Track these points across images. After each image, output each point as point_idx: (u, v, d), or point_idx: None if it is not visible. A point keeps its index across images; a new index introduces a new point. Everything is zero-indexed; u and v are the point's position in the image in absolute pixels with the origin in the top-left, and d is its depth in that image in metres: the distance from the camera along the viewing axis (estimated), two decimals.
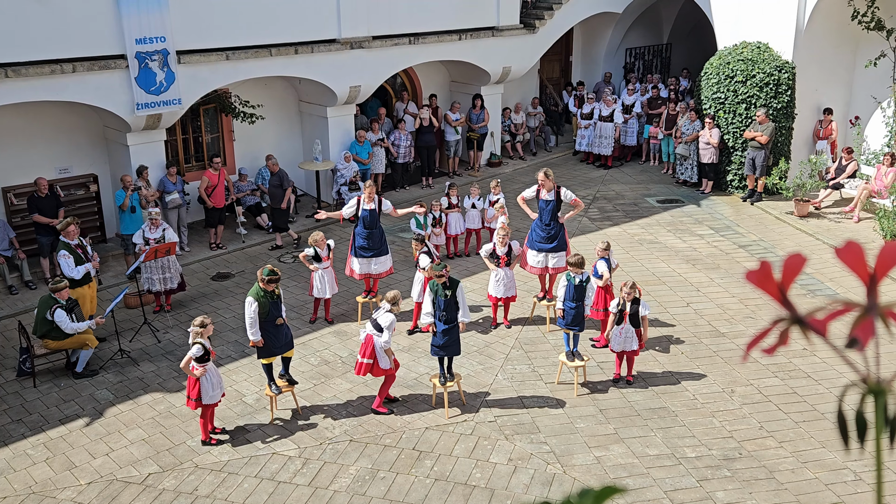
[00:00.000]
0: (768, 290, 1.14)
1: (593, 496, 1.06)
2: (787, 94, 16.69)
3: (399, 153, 17.82)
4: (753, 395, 10.13)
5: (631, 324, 10.11)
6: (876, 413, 1.10)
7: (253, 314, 9.37)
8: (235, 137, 16.66)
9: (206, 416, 9.25)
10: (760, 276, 1.14)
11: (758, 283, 1.14)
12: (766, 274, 1.13)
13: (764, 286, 1.14)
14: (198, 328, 9.03)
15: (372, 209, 11.96)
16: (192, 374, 8.95)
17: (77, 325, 10.42)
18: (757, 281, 1.14)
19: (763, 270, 1.13)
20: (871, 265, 1.13)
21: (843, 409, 1.17)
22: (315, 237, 11.66)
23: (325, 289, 11.79)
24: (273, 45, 14.92)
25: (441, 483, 8.52)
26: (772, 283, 1.14)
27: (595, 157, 19.94)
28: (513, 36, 18.71)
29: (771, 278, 1.14)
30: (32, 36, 12.31)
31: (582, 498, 1.06)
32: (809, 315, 1.12)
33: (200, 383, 9.02)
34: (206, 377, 9.04)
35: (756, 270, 1.14)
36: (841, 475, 8.61)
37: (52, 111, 13.90)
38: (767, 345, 1.13)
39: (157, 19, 13.36)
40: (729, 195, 17.56)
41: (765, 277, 1.13)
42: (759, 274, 1.13)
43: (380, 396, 9.87)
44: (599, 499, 1.06)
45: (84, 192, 14.39)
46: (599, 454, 8.98)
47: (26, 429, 9.62)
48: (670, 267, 14.01)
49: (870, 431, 1.14)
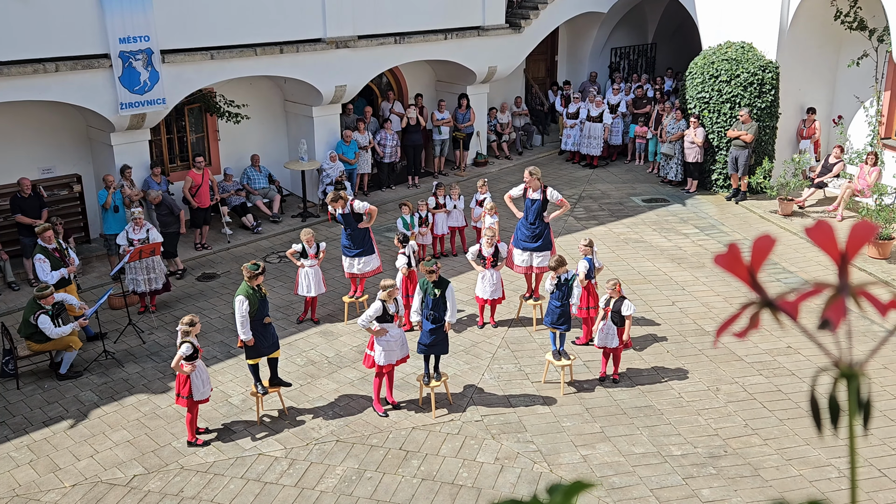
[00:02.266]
0: (738, 273, 1.12)
1: (563, 491, 1.05)
2: (771, 94, 16.79)
3: (385, 153, 17.79)
4: (738, 393, 10.18)
5: (613, 321, 10.16)
6: (849, 397, 1.10)
7: (244, 313, 9.35)
8: (220, 137, 16.59)
9: (194, 414, 9.22)
10: (729, 259, 1.12)
11: (727, 267, 1.12)
12: (734, 257, 1.12)
13: (733, 269, 1.12)
14: (186, 327, 9.01)
15: (346, 213, 11.95)
16: (182, 372, 8.92)
17: (60, 330, 10.33)
18: (726, 264, 1.12)
19: (732, 253, 1.12)
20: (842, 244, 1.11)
21: (815, 394, 1.16)
22: (305, 234, 11.65)
23: (310, 287, 11.76)
24: (258, 45, 14.87)
25: (428, 483, 8.52)
26: (741, 266, 1.12)
27: (581, 157, 19.99)
28: (498, 36, 18.72)
29: (740, 261, 1.12)
30: (15, 35, 12.21)
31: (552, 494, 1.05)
32: (780, 297, 1.10)
33: (191, 380, 9.01)
34: (195, 374, 9.05)
35: (725, 254, 1.12)
36: (825, 472, 8.67)
37: (34, 111, 13.80)
38: (738, 328, 1.11)
39: (140, 18, 13.28)
40: (714, 194, 17.65)
41: (734, 260, 1.12)
42: (727, 257, 1.12)
43: (375, 394, 9.89)
44: (569, 494, 1.05)
45: (67, 193, 14.28)
46: (586, 453, 9.01)
47: (9, 431, 9.54)
48: (656, 266, 14.06)
49: (843, 416, 1.13)
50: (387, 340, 9.49)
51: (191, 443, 9.24)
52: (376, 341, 9.53)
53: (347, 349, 11.34)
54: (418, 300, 9.90)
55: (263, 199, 16.25)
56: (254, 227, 15.62)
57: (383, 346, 9.50)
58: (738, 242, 1.11)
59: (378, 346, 9.51)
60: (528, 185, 11.82)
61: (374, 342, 9.59)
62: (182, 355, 8.91)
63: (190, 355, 8.94)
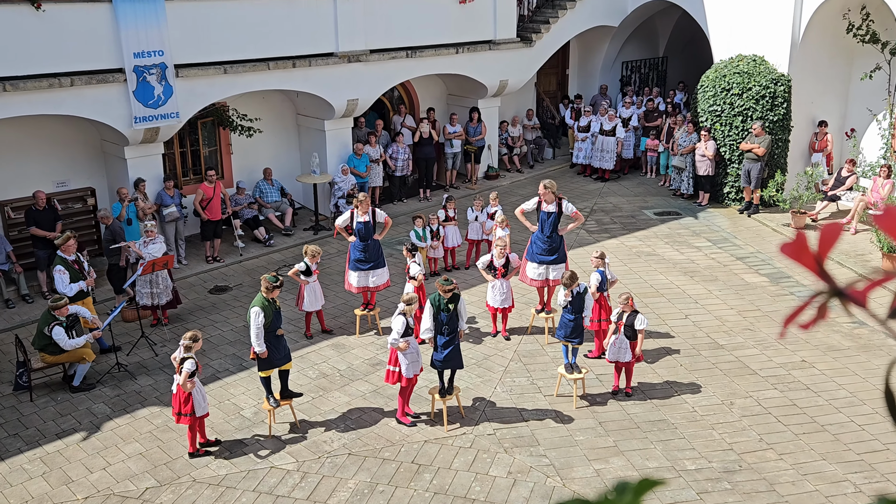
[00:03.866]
0: (804, 261, 1.09)
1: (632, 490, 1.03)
2: (783, 107, 16.75)
3: (397, 166, 17.83)
4: (753, 408, 10.11)
5: (625, 335, 10.11)
6: None
7: (259, 324, 9.37)
8: (233, 151, 16.68)
9: (196, 429, 9.23)
10: (796, 248, 1.09)
11: (793, 255, 1.09)
12: (801, 245, 1.09)
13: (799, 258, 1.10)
14: (189, 342, 9.01)
15: (366, 221, 11.95)
16: (186, 389, 8.92)
17: (74, 342, 10.36)
18: (792, 253, 1.09)
19: (798, 242, 1.09)
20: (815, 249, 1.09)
21: (891, 385, 1.12)
22: (312, 250, 11.65)
23: (315, 301, 11.80)
24: (271, 59, 14.95)
25: (440, 497, 8.48)
26: (808, 255, 1.10)
27: (592, 170, 19.97)
28: (510, 49, 18.78)
29: (807, 249, 1.09)
30: (31, 50, 12.33)
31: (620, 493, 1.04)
32: (849, 286, 1.08)
33: (193, 397, 9.01)
34: (196, 390, 9.07)
35: (791, 242, 1.10)
36: (842, 487, 8.58)
37: (50, 125, 13.90)
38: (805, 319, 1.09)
39: (155, 33, 13.39)
40: (726, 207, 17.59)
41: (800, 249, 1.09)
42: (794, 245, 1.09)
43: (400, 406, 9.89)
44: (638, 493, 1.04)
45: (81, 206, 14.37)
46: (599, 467, 8.95)
47: (23, 443, 9.56)
48: (668, 279, 14.01)
49: None
50: (410, 352, 9.50)
51: (192, 454, 9.24)
52: (401, 356, 9.52)
53: (359, 362, 11.33)
54: (429, 317, 9.81)
55: (276, 212, 16.30)
56: (266, 240, 15.66)
57: (409, 358, 9.52)
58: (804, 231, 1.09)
59: (404, 359, 9.51)
60: (542, 197, 11.79)
61: (397, 357, 9.58)
62: (188, 371, 8.90)
63: (192, 372, 8.95)
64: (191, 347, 9.01)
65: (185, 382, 8.91)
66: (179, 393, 9.02)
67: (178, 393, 9.06)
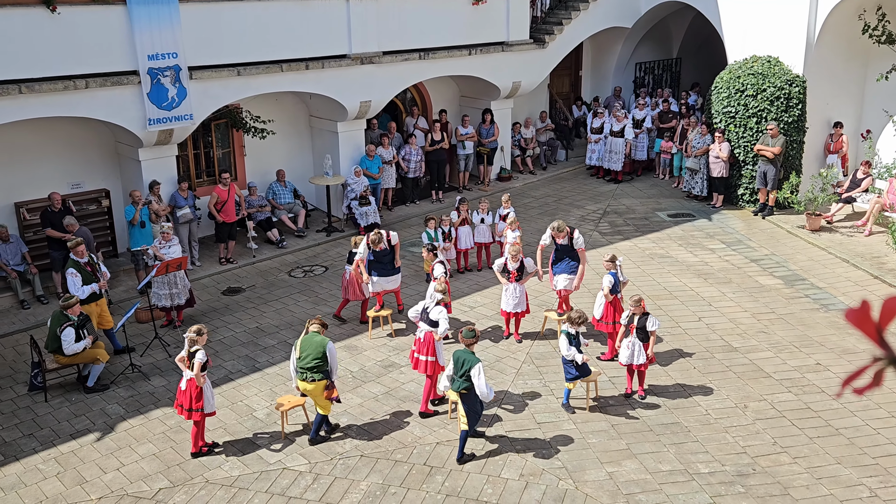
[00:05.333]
0: (866, 329, 1.15)
1: None
2: (798, 108, 16.65)
3: (409, 168, 17.84)
4: (767, 411, 10.04)
5: (638, 338, 10.07)
6: None
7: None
8: (246, 152, 16.73)
9: (201, 427, 9.24)
10: (860, 316, 1.14)
11: (856, 323, 1.15)
12: (865, 314, 1.14)
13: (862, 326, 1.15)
14: (194, 335, 9.01)
15: (385, 250, 12.02)
16: (199, 383, 8.94)
17: (75, 347, 10.38)
18: (856, 320, 1.14)
19: (863, 310, 1.14)
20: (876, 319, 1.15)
21: None
22: (373, 237, 11.81)
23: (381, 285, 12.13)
24: (284, 61, 15.00)
25: (452, 499, 8.47)
26: (870, 323, 1.15)
27: (605, 172, 19.92)
28: (523, 51, 18.76)
29: (869, 318, 1.14)
30: (46, 52, 12.41)
31: None
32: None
33: (204, 393, 9.03)
34: (206, 386, 9.10)
35: (856, 309, 1.15)
36: (857, 491, 8.51)
37: (64, 127, 14.00)
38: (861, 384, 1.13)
39: (169, 35, 13.45)
40: (740, 209, 17.50)
41: (864, 317, 1.14)
42: (858, 313, 1.14)
43: (425, 398, 9.97)
44: None
45: (96, 207, 14.45)
46: (612, 470, 8.91)
47: (37, 443, 9.62)
48: (682, 281, 13.95)
49: None
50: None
51: (195, 454, 9.24)
52: (438, 346, 9.86)
53: (371, 364, 11.33)
54: (451, 368, 9.28)
55: (288, 213, 16.35)
56: (279, 242, 15.70)
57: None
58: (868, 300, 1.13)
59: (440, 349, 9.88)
60: (555, 237, 11.78)
61: (433, 347, 9.80)
62: (200, 362, 8.90)
63: (204, 364, 8.96)
64: (195, 341, 8.99)
65: (198, 375, 8.89)
66: (190, 388, 8.98)
67: (188, 388, 9.00)
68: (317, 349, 9.12)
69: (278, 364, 11.24)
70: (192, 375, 8.94)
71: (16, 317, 12.88)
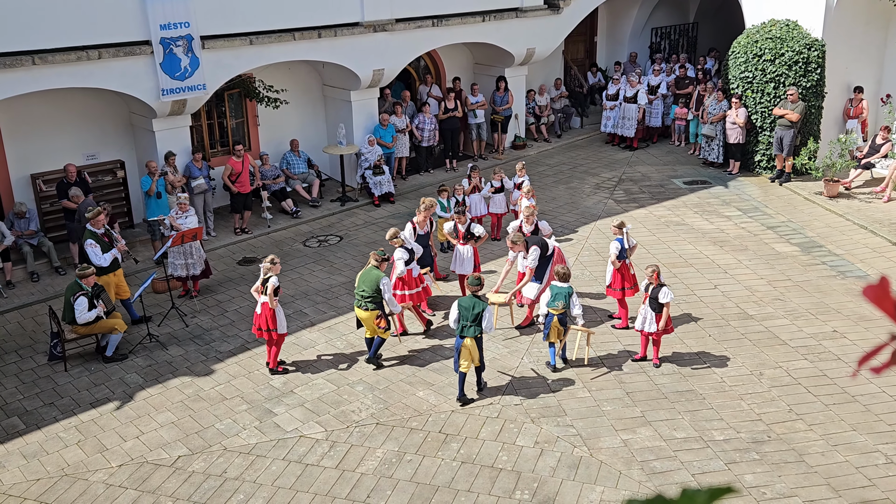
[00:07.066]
0: (884, 307, 1.12)
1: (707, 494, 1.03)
2: (817, 73, 16.41)
3: (423, 136, 17.76)
4: (782, 378, 10.03)
5: (651, 307, 10.06)
6: None
7: (390, 290, 10.35)
8: (260, 122, 16.70)
9: (279, 346, 10.29)
10: (878, 293, 1.11)
11: (874, 299, 1.12)
12: (883, 290, 1.11)
13: (880, 303, 1.12)
14: (269, 264, 9.99)
15: (426, 232, 11.92)
16: (272, 305, 9.91)
17: (87, 315, 10.49)
18: (874, 297, 1.11)
19: (881, 287, 1.11)
20: None
21: None
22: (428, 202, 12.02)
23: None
24: (297, 29, 14.90)
25: (467, 466, 8.54)
26: (889, 301, 1.11)
27: (620, 139, 19.77)
28: (537, 17, 18.55)
29: (889, 295, 1.11)
30: (58, 23, 12.38)
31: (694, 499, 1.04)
32: None
33: (277, 316, 10.05)
34: (278, 309, 10.10)
35: (874, 286, 1.12)
36: (872, 458, 8.51)
37: (78, 98, 14.01)
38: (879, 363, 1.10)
39: (181, 5, 13.38)
40: (757, 176, 17.34)
41: (882, 293, 1.11)
42: (876, 290, 1.11)
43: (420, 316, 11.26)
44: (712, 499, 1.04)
45: (111, 179, 14.51)
46: (626, 437, 8.95)
47: (58, 412, 9.76)
48: (697, 249, 13.88)
49: None
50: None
51: (273, 370, 10.30)
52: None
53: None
54: (455, 312, 9.50)
55: (303, 183, 16.34)
56: (293, 212, 15.72)
57: None
58: (887, 276, 1.10)
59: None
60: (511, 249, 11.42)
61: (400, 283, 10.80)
62: (273, 286, 9.85)
63: (277, 287, 9.91)
64: (269, 269, 9.97)
65: (271, 298, 9.87)
66: (265, 311, 9.99)
67: (262, 312, 10.03)
68: (373, 282, 10.06)
69: (294, 334, 11.30)
70: (266, 300, 9.91)
71: (35, 287, 13.00)
